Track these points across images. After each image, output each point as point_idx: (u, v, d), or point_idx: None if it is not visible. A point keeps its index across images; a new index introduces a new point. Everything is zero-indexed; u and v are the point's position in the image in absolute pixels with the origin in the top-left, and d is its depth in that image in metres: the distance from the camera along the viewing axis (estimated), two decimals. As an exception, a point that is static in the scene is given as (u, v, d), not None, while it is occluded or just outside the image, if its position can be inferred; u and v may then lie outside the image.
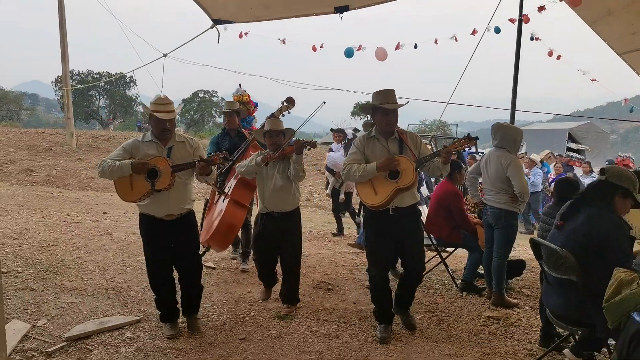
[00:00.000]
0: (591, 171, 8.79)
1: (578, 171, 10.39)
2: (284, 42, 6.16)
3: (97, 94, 49.52)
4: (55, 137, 15.77)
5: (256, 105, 6.44)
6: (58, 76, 52.15)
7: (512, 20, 5.85)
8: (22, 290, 3.89)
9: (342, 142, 6.34)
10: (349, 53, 6.20)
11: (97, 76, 45.34)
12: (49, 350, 2.97)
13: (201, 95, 48.82)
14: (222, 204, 4.13)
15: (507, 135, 3.68)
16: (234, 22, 5.75)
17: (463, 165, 4.72)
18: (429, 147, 4.45)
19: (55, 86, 51.76)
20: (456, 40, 6.00)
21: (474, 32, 5.95)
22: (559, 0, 5.00)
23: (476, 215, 4.50)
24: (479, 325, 3.42)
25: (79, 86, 35.76)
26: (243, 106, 5.94)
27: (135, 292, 4.00)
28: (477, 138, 2.98)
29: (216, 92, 52.13)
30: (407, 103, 3.25)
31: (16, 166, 10.43)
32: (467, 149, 7.42)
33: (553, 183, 7.35)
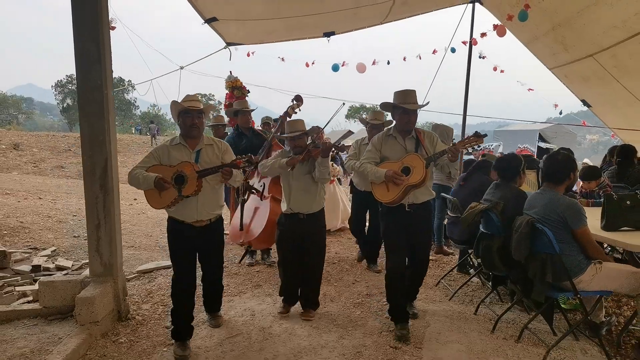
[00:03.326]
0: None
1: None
2: (283, 59, 7.63)
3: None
4: (67, 140, 17.13)
5: (248, 91, 6.92)
6: (58, 80, 53.00)
7: (464, 43, 7.34)
8: (93, 247, 5.34)
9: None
10: (335, 68, 7.68)
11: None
12: (127, 277, 4.42)
13: (199, 98, 49.61)
14: (260, 203, 4.15)
15: (442, 132, 5.15)
16: (243, 44, 7.21)
17: None
18: None
19: (55, 90, 52.80)
20: (420, 58, 7.48)
21: (434, 51, 7.46)
22: (493, 30, 6.48)
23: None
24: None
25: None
26: (238, 90, 6.59)
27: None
28: (485, 135, 3.02)
29: (213, 95, 53.18)
30: (427, 104, 3.30)
31: (47, 164, 11.86)
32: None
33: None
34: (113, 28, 3.56)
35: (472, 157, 9.66)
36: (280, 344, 3.07)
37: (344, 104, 4.19)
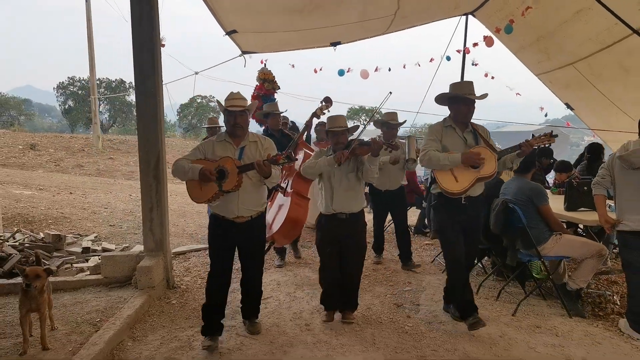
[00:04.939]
0: None
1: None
2: (293, 66, 8.32)
3: (97, 100, 50.66)
4: (77, 140, 17.77)
5: (278, 87, 7.06)
6: (60, 82, 53.66)
7: (458, 51, 8.07)
8: (130, 234, 6.04)
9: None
10: (340, 73, 8.40)
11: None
12: (165, 257, 5.12)
13: (199, 100, 50.12)
14: (282, 199, 4.20)
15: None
16: (257, 53, 7.91)
17: None
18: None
19: (57, 92, 53.46)
20: (419, 65, 8.21)
21: (431, 60, 8.19)
22: (483, 40, 7.20)
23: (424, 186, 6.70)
24: (419, 247, 5.62)
25: (109, 94, 37.84)
26: (269, 84, 6.71)
27: (202, 235, 6.16)
28: (557, 135, 3.08)
29: (213, 97, 53.79)
30: (486, 96, 3.18)
31: (66, 163, 12.53)
32: None
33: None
34: (163, 45, 4.23)
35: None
36: (305, 304, 3.78)
37: (390, 93, 3.94)
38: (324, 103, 4.42)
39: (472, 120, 3.25)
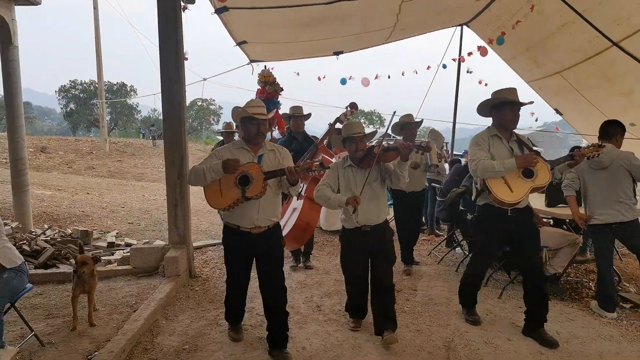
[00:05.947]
0: None
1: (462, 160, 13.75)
2: (298, 74, 8.80)
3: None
4: (83, 143, 18.21)
5: (281, 89, 6.71)
6: (61, 85, 54.22)
7: (454, 60, 8.57)
8: (148, 231, 6.49)
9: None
10: (343, 82, 8.88)
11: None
12: (184, 251, 5.57)
13: (199, 103, 50.44)
14: (295, 203, 4.18)
15: (438, 136, 6.34)
16: (265, 61, 8.39)
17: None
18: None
19: (59, 95, 53.96)
20: (416, 73, 8.70)
21: (428, 67, 8.68)
22: (477, 50, 7.70)
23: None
24: (417, 242, 6.08)
25: (113, 99, 38.23)
26: (271, 86, 6.42)
27: (215, 232, 6.61)
28: (604, 146, 3.16)
29: (214, 100, 54.39)
30: (532, 103, 3.15)
31: (78, 165, 12.99)
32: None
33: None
34: (186, 59, 4.70)
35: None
36: (315, 290, 4.24)
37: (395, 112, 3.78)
38: (349, 109, 4.31)
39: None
